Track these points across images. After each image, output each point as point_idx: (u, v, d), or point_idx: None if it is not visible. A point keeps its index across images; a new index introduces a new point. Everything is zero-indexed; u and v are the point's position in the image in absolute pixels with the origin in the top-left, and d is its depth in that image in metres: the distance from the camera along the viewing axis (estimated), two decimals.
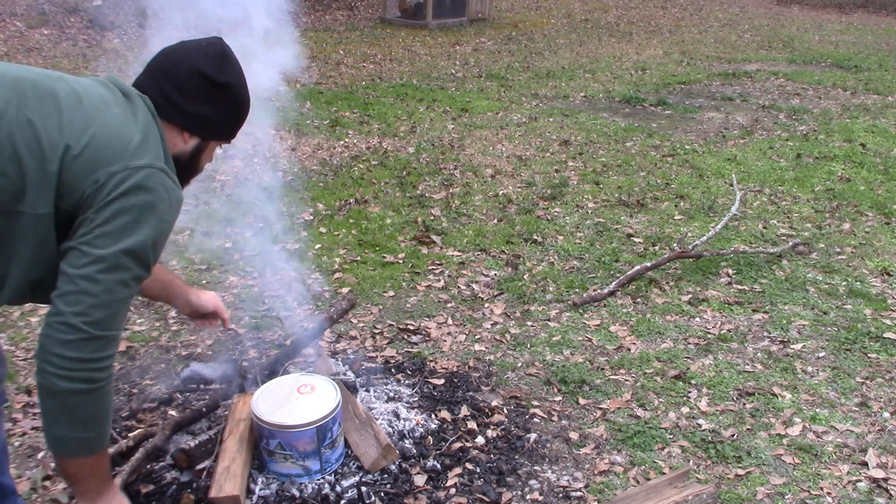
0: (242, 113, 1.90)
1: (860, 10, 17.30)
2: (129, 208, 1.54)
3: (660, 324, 3.78)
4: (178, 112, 1.76)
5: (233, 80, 1.82)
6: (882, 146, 6.86)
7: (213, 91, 1.79)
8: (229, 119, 1.87)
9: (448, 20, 13.60)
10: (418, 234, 4.81)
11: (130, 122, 1.63)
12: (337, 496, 2.45)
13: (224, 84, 1.80)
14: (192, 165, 1.86)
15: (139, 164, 1.57)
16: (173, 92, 1.75)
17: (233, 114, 1.87)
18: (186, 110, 1.76)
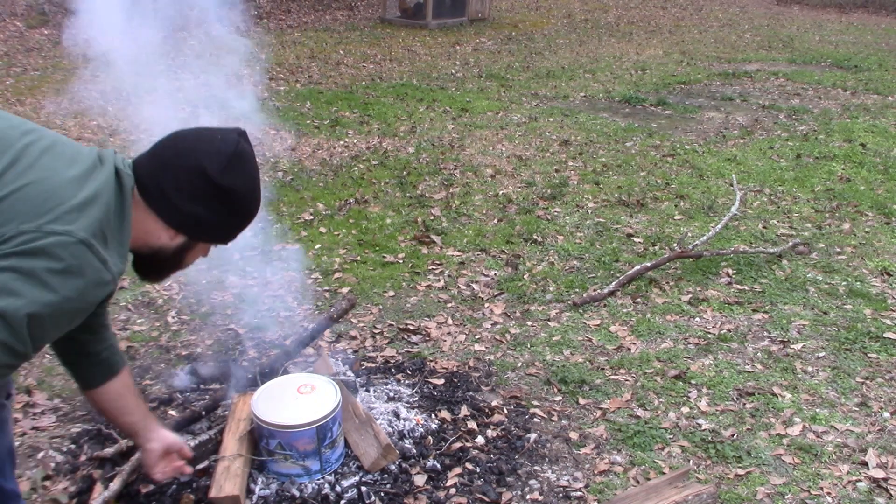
0: (243, 221, 1.72)
1: (860, 10, 17.30)
2: (18, 268, 1.33)
3: (660, 324, 3.78)
4: (169, 207, 1.59)
5: (237, 185, 1.63)
6: (882, 146, 6.85)
7: (213, 193, 1.61)
8: (226, 225, 1.70)
9: (448, 20, 13.60)
10: (418, 234, 4.81)
11: (77, 186, 1.44)
12: (337, 496, 2.45)
13: (226, 188, 1.61)
14: (175, 261, 1.71)
15: (55, 228, 1.36)
16: (168, 185, 1.59)
17: (231, 221, 1.70)
18: (178, 207, 1.60)
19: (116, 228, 1.50)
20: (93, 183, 1.47)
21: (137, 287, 3.96)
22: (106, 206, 1.47)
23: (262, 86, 8.48)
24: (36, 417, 2.91)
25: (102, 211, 1.45)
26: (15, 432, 2.82)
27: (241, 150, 1.64)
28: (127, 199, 1.54)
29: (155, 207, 1.60)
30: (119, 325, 3.60)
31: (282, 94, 8.18)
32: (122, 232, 1.52)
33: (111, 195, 1.49)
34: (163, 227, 1.62)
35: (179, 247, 1.67)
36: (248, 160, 1.66)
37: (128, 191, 1.55)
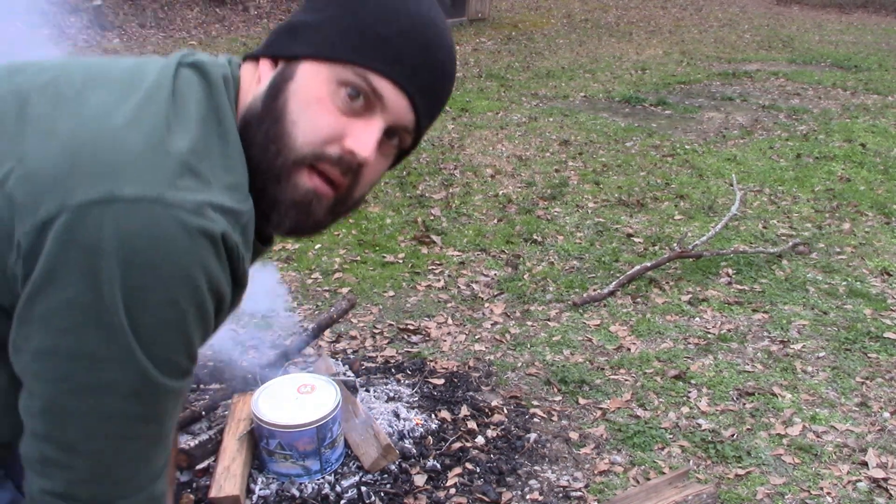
0: (361, 19, 0.89)
1: (860, 10, 17.30)
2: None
3: (660, 324, 3.78)
4: (269, 37, 0.95)
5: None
6: (882, 146, 6.85)
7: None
8: (344, 22, 0.89)
9: (448, 20, 13.60)
10: (418, 233, 4.81)
11: (116, 109, 0.79)
12: (337, 496, 2.45)
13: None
14: (268, 115, 0.87)
15: (93, 196, 0.73)
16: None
17: (346, 15, 0.89)
18: (279, 27, 0.95)
19: (228, 141, 0.85)
20: (157, 92, 0.83)
21: None
22: (193, 115, 0.84)
23: None
24: None
25: (193, 121, 0.83)
26: None
27: None
28: (227, 93, 0.89)
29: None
30: None
31: None
32: (230, 144, 0.85)
33: (190, 97, 0.85)
34: (253, 71, 0.93)
35: (270, 85, 0.89)
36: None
37: (225, 82, 0.89)
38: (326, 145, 0.87)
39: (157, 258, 0.73)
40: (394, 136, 0.92)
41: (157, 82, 0.83)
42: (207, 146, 0.81)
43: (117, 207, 0.72)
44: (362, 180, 0.91)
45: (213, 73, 0.88)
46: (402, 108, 0.89)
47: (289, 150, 0.86)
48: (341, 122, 0.87)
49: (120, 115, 0.79)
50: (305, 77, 0.87)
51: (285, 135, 0.86)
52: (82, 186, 0.73)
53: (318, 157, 0.87)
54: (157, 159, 0.76)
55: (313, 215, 0.90)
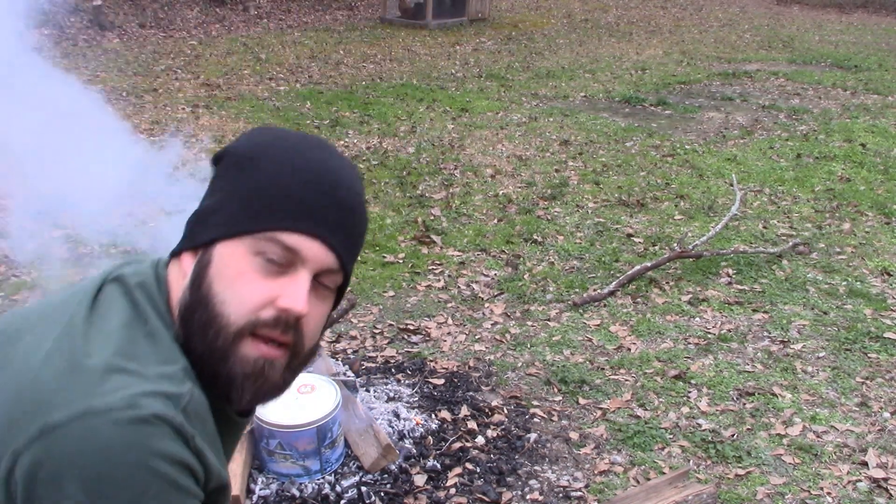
0: (273, 185, 0.91)
1: (860, 10, 17.29)
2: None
3: (660, 324, 3.78)
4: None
5: (262, 154, 0.93)
6: (882, 146, 6.85)
7: (222, 170, 0.96)
8: (240, 195, 0.91)
9: (448, 20, 13.60)
10: (418, 234, 4.81)
11: (36, 351, 0.84)
12: (337, 496, 2.45)
13: (240, 160, 0.94)
14: (197, 303, 0.89)
15: (32, 434, 0.77)
16: None
17: (242, 187, 0.92)
18: (190, 218, 0.98)
19: (157, 339, 0.89)
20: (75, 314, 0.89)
21: None
22: (116, 326, 0.88)
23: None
24: None
25: (113, 334, 0.87)
26: None
27: (307, 136, 1.00)
28: (150, 305, 0.91)
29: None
30: None
31: (282, 94, 8.18)
32: (158, 342, 0.88)
33: (113, 310, 0.90)
34: (178, 270, 0.95)
35: (194, 273, 0.92)
36: (307, 140, 0.98)
37: (151, 289, 0.93)
38: (260, 312, 0.88)
39: (107, 466, 0.76)
40: (324, 280, 0.93)
41: (74, 311, 0.88)
42: (133, 347, 0.84)
43: (54, 436, 0.76)
44: (307, 331, 0.92)
45: (133, 281, 0.91)
46: (320, 254, 0.91)
47: (225, 328, 0.87)
48: (268, 286, 0.88)
49: (38, 355, 0.83)
50: (222, 258, 0.90)
51: (218, 316, 0.88)
52: (21, 431, 0.78)
53: (256, 325, 0.88)
54: (76, 377, 0.79)
55: (270, 380, 0.91)
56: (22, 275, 3.96)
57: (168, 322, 0.90)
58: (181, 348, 0.89)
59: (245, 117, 7.16)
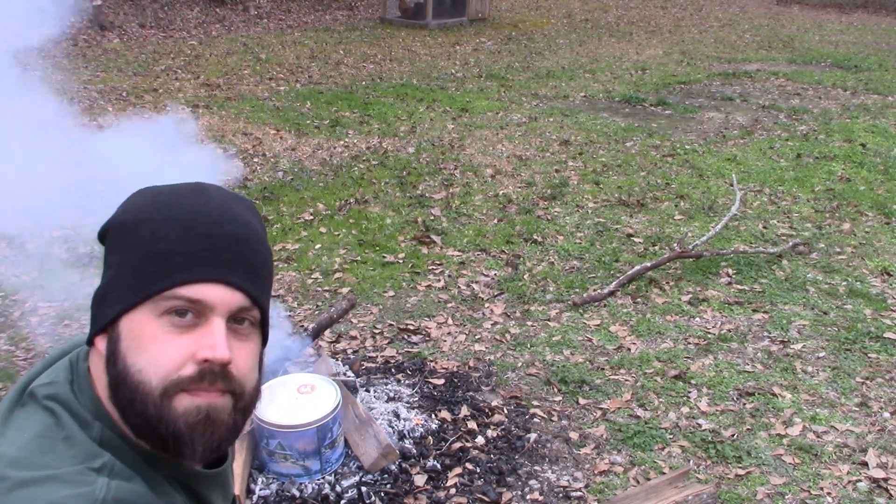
0: (153, 241, 0.89)
1: (860, 10, 17.29)
2: None
3: (660, 324, 3.78)
4: None
5: (142, 218, 0.91)
6: (882, 146, 6.85)
7: (109, 245, 0.95)
8: (130, 264, 0.90)
9: (448, 20, 13.60)
10: (418, 234, 4.81)
11: None
12: (337, 496, 2.45)
13: (123, 230, 0.92)
14: (117, 380, 0.88)
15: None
16: None
17: (130, 255, 0.90)
18: (91, 303, 0.96)
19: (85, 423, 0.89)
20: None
21: None
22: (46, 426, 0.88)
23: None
24: None
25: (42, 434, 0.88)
26: None
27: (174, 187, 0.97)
28: (74, 396, 0.92)
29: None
30: None
31: (282, 94, 8.18)
32: (86, 427, 0.89)
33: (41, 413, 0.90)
34: (98, 359, 0.93)
35: (106, 356, 0.90)
36: (172, 192, 0.95)
37: (67, 389, 0.93)
38: (180, 371, 0.85)
39: None
40: (241, 319, 0.90)
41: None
42: (44, 456, 0.83)
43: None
44: (239, 375, 0.89)
45: (43, 394, 0.89)
46: (226, 296, 0.88)
47: (150, 395, 0.85)
48: (183, 343, 0.86)
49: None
50: (130, 330, 0.87)
51: (139, 384, 0.85)
52: None
53: (180, 384, 0.85)
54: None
55: (218, 423, 0.88)
56: (22, 275, 3.96)
57: (88, 422, 0.88)
58: (111, 439, 0.87)
59: (245, 117, 7.16)
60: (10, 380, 3.14)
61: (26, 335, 3.51)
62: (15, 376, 3.17)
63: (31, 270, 3.96)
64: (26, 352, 3.37)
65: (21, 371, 3.22)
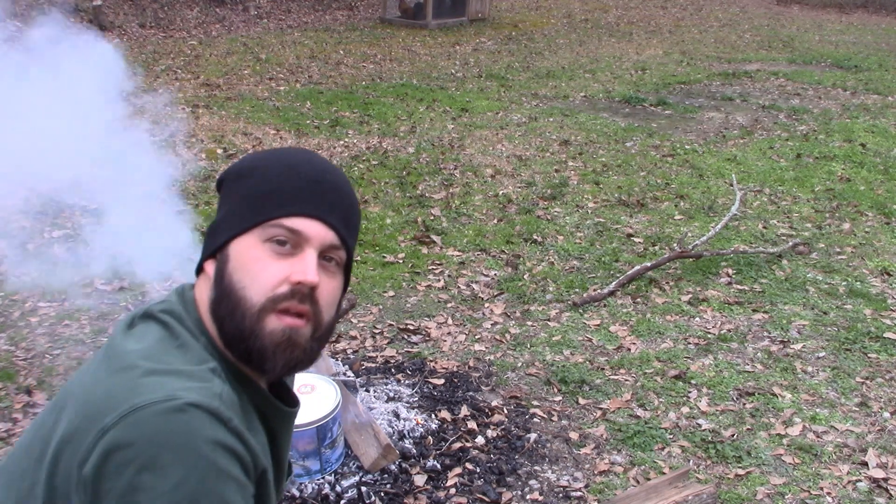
0: (266, 180, 1.07)
1: (860, 10, 17.29)
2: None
3: (660, 324, 3.78)
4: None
5: (256, 165, 1.09)
6: (882, 146, 6.85)
7: (225, 188, 1.12)
8: (244, 198, 1.07)
9: (448, 20, 13.60)
10: (418, 234, 4.81)
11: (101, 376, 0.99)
12: (337, 496, 2.45)
13: (239, 174, 1.10)
14: (222, 294, 1.03)
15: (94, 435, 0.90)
16: None
17: (244, 192, 1.07)
18: (205, 235, 1.14)
19: (195, 341, 1.03)
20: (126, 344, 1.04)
21: (137, 287, 3.96)
22: (165, 336, 1.04)
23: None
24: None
25: (164, 342, 1.03)
26: (15, 432, 2.83)
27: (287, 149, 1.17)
28: (183, 320, 1.06)
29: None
30: None
31: (282, 94, 8.18)
32: (194, 346, 1.02)
33: (161, 325, 1.05)
34: (203, 282, 1.09)
35: (214, 274, 1.06)
36: (284, 151, 1.13)
37: (181, 310, 1.07)
38: (277, 288, 1.00)
39: (157, 451, 0.87)
40: (330, 259, 1.06)
41: (111, 344, 1.02)
42: (166, 356, 0.97)
43: (109, 436, 0.88)
44: (322, 302, 1.04)
45: (159, 310, 1.05)
46: (321, 232, 1.04)
47: (249, 308, 1.00)
48: (281, 266, 1.01)
49: (88, 382, 0.98)
50: (237, 252, 1.03)
51: (241, 300, 1.00)
52: (82, 442, 0.91)
53: (276, 300, 1.00)
54: (119, 385, 0.93)
55: (298, 346, 1.03)
56: (22, 275, 3.96)
57: (197, 335, 1.03)
58: (213, 354, 1.01)
59: (245, 117, 7.16)
60: (11, 380, 3.14)
61: (26, 335, 3.51)
62: (15, 376, 3.17)
63: (31, 270, 3.96)
64: (26, 352, 3.37)
65: (21, 371, 3.22)
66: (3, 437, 2.80)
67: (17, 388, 3.09)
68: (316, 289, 1.02)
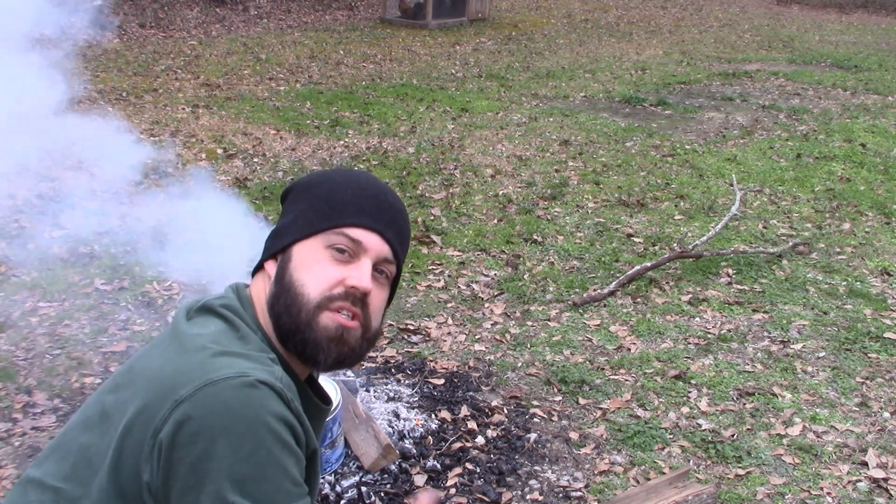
0: (331, 192, 1.18)
1: (860, 10, 17.29)
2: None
3: (660, 324, 3.78)
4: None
5: (324, 179, 1.21)
6: (882, 146, 6.85)
7: (292, 197, 1.24)
8: (311, 206, 1.18)
9: (448, 20, 13.59)
10: (418, 234, 4.81)
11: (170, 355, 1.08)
12: (337, 496, 2.45)
13: (307, 185, 1.22)
14: (282, 290, 1.12)
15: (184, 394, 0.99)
16: None
17: (312, 201, 1.19)
18: (267, 238, 1.24)
19: (245, 332, 1.12)
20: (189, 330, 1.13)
21: (138, 287, 3.96)
22: (224, 327, 1.12)
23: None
24: (36, 417, 2.91)
25: (225, 331, 1.12)
26: (15, 432, 2.83)
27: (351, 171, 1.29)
28: (242, 312, 1.15)
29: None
30: (119, 325, 3.60)
31: (282, 94, 8.18)
32: (247, 334, 1.11)
33: (220, 316, 1.14)
34: (262, 279, 1.19)
35: (276, 272, 1.15)
36: (351, 172, 1.26)
37: (237, 303, 1.16)
38: (333, 289, 1.11)
39: (230, 420, 0.95)
40: (381, 271, 1.16)
41: (174, 332, 1.11)
42: (230, 344, 1.06)
43: (184, 405, 0.96)
44: (372, 308, 1.14)
45: (218, 304, 1.14)
46: (378, 244, 1.15)
47: (307, 303, 1.10)
48: (339, 270, 1.12)
49: (156, 363, 1.07)
50: (300, 254, 1.14)
51: (300, 296, 1.10)
52: (157, 413, 0.99)
53: (331, 299, 1.10)
54: (192, 363, 1.01)
55: (349, 344, 1.12)
56: (22, 275, 3.96)
57: (255, 329, 1.12)
58: (269, 348, 1.10)
59: (245, 117, 7.16)
60: (10, 380, 3.14)
61: (26, 335, 3.51)
62: (15, 376, 3.17)
63: (31, 270, 3.96)
64: (26, 352, 3.37)
65: (21, 371, 3.22)
66: (2, 437, 2.80)
67: (17, 388, 3.09)
68: (368, 295, 1.12)
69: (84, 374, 3.20)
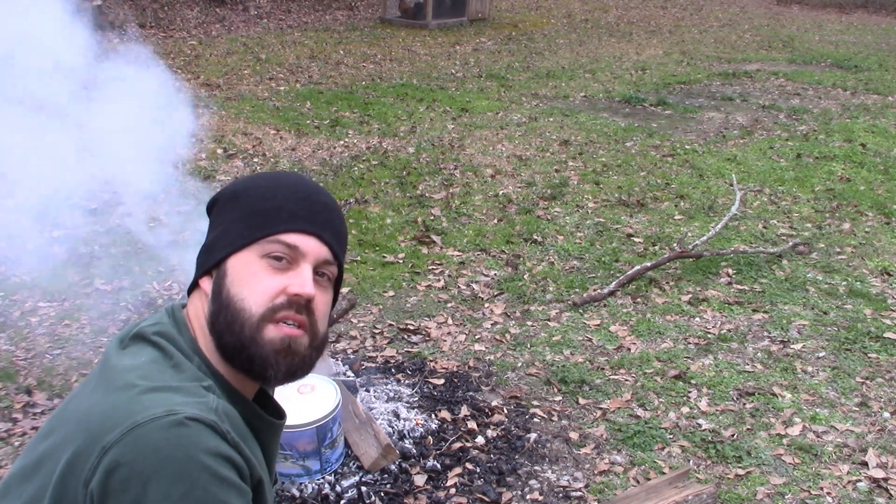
0: (260, 200, 1.12)
1: (860, 10, 17.29)
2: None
3: (660, 324, 3.78)
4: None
5: (251, 186, 1.15)
6: (882, 146, 6.85)
7: (219, 208, 1.17)
8: (241, 217, 1.11)
9: (448, 20, 13.59)
10: (418, 234, 4.81)
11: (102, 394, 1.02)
12: (337, 496, 2.45)
13: (234, 194, 1.15)
14: (220, 307, 1.06)
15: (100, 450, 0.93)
16: None
17: (241, 211, 1.12)
18: (199, 254, 1.18)
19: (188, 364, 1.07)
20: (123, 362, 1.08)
21: (137, 287, 3.96)
22: (160, 357, 1.07)
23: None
24: (36, 417, 2.91)
25: (161, 363, 1.06)
26: (15, 432, 2.83)
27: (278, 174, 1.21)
28: (177, 339, 1.10)
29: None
30: (119, 325, 3.60)
31: (282, 94, 8.18)
32: (186, 367, 1.06)
33: (154, 348, 1.09)
34: (199, 298, 1.13)
35: (212, 289, 1.10)
36: (273, 176, 1.19)
37: (172, 330, 1.11)
38: (275, 299, 1.05)
39: (160, 464, 0.90)
40: (322, 274, 1.11)
41: (104, 366, 1.06)
42: (162, 376, 1.01)
43: (112, 452, 0.91)
44: (317, 314, 1.09)
45: (151, 331, 1.08)
46: (316, 247, 1.10)
47: (249, 318, 1.04)
48: (279, 279, 1.06)
49: (84, 405, 1.01)
50: (235, 267, 1.08)
51: (241, 311, 1.05)
52: (87, 461, 0.93)
53: (274, 310, 1.05)
54: (119, 403, 0.96)
55: (298, 354, 1.07)
56: (22, 275, 3.96)
57: (190, 355, 1.06)
58: (206, 373, 1.05)
59: (245, 117, 7.16)
60: (10, 380, 3.14)
61: (26, 335, 3.51)
62: (15, 376, 3.17)
63: (31, 270, 3.96)
64: (26, 352, 3.37)
65: (21, 371, 3.22)
66: (2, 437, 2.80)
67: (17, 388, 3.10)
68: (312, 301, 1.07)
69: (84, 374, 3.20)
